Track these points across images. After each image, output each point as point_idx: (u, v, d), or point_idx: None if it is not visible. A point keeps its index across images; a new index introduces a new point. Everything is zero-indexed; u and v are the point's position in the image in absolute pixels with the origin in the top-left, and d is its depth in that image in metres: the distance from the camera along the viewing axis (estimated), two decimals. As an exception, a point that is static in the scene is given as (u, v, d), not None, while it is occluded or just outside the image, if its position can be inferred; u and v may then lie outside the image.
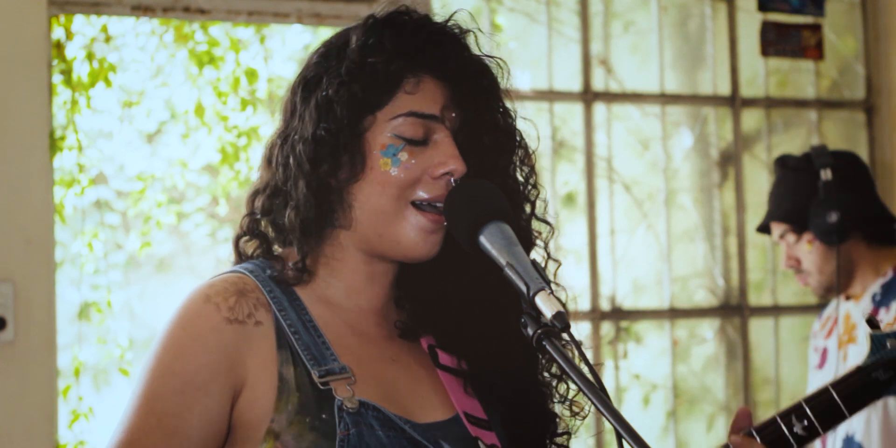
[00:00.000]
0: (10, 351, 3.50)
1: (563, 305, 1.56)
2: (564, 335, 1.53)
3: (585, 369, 1.51)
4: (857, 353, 3.29)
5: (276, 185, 1.72)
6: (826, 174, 3.27)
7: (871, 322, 1.79)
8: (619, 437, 1.46)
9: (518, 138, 1.79)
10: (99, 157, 4.90)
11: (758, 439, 1.72)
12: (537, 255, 1.78)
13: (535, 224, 1.80)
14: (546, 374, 1.79)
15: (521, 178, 1.79)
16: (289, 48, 5.58)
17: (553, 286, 1.73)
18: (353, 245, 1.72)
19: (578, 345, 1.53)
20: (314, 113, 1.69)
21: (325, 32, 4.78)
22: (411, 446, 1.63)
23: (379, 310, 1.76)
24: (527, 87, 4.48)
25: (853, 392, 1.73)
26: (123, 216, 5.49)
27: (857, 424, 3.26)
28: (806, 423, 1.73)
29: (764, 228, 3.48)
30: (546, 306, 1.52)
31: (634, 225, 4.70)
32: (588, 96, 4.57)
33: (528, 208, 1.79)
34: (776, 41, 4.72)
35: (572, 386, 1.79)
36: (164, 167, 4.93)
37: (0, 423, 3.47)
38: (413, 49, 1.70)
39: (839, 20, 4.95)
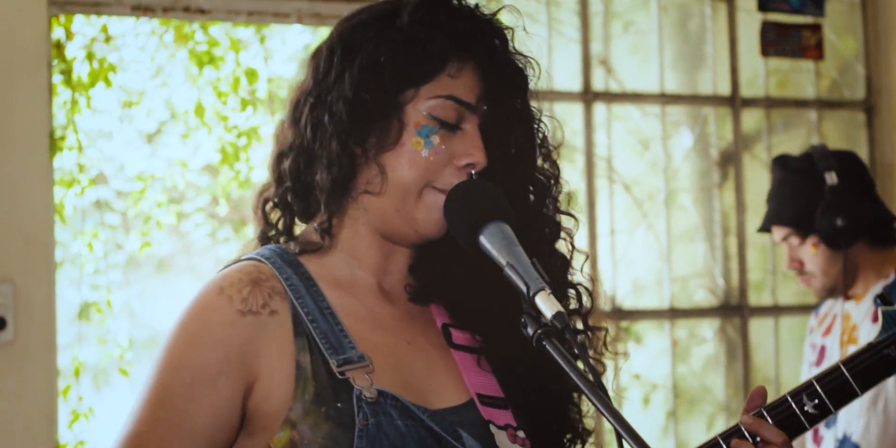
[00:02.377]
0: (10, 351, 3.50)
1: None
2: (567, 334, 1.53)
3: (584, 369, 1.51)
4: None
5: (302, 144, 1.71)
6: (832, 177, 3.25)
7: (884, 299, 1.78)
8: (619, 437, 1.46)
9: (541, 136, 1.80)
10: (99, 157, 4.89)
11: (769, 419, 1.71)
12: (564, 248, 1.79)
13: (558, 218, 1.81)
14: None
15: (543, 177, 1.80)
16: (289, 48, 5.58)
17: (582, 277, 1.76)
18: (372, 216, 1.71)
19: (579, 345, 1.53)
20: (358, 75, 1.69)
21: (325, 32, 4.78)
22: (429, 436, 1.64)
23: (395, 289, 1.76)
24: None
25: (864, 369, 1.72)
26: (123, 216, 5.49)
27: (854, 425, 3.25)
28: (817, 401, 1.72)
29: (765, 229, 3.46)
30: (546, 306, 1.53)
31: (634, 225, 4.70)
32: (588, 96, 4.57)
33: (550, 204, 1.80)
34: (776, 41, 4.72)
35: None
36: (164, 167, 4.92)
37: (0, 423, 3.47)
38: (464, 35, 1.71)
39: (839, 20, 4.95)
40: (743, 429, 1.71)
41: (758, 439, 1.71)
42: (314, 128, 1.70)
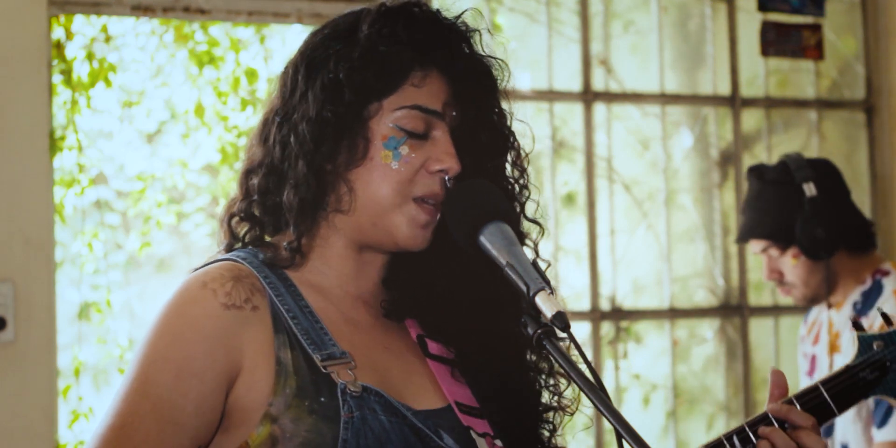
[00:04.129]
0: (10, 351, 3.50)
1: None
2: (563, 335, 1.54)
3: (586, 369, 1.51)
4: (842, 363, 3.29)
5: (272, 163, 1.71)
6: (810, 189, 3.26)
7: (857, 325, 1.82)
8: (619, 437, 1.46)
9: (512, 140, 1.79)
10: (99, 157, 4.90)
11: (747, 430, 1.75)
12: (528, 255, 1.78)
13: (527, 225, 1.80)
14: (539, 364, 1.79)
15: (512, 180, 1.79)
16: (289, 48, 5.58)
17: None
18: (346, 232, 1.71)
19: (578, 345, 1.54)
20: (320, 94, 1.68)
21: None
22: (412, 432, 1.64)
23: (369, 297, 1.76)
24: (527, 87, 4.48)
25: (842, 391, 1.76)
26: (123, 216, 5.49)
27: (850, 434, 3.26)
28: None
29: (742, 240, 3.48)
30: (546, 306, 1.53)
31: (634, 225, 4.70)
32: (588, 96, 4.57)
33: (518, 209, 1.79)
34: (776, 41, 4.72)
35: (563, 380, 1.79)
36: (164, 167, 4.93)
37: (0, 423, 3.47)
38: (425, 43, 1.71)
39: (839, 20, 4.95)
40: (771, 416, 1.75)
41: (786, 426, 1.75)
42: (282, 147, 1.70)
